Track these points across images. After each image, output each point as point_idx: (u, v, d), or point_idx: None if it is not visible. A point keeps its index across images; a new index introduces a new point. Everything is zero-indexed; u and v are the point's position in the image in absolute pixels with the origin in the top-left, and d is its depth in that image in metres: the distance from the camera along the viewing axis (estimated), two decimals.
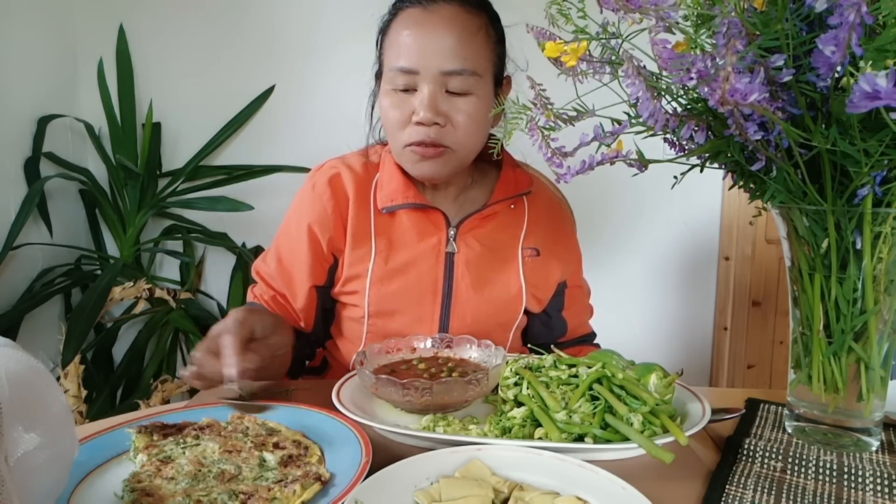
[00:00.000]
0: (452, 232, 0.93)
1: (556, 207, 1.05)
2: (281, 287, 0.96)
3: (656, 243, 2.03)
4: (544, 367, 0.70)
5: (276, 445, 0.59)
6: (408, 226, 0.93)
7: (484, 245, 0.94)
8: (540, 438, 0.60)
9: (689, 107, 0.59)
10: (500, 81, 0.92)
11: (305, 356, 1.02)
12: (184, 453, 0.57)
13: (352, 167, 0.95)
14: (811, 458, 0.58)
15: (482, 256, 0.93)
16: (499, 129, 0.97)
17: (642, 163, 0.61)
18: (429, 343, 0.80)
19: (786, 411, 0.65)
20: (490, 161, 0.99)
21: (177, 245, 2.05)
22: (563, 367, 0.69)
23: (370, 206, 0.93)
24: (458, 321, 0.92)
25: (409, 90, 0.84)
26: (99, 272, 1.89)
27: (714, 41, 0.51)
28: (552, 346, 0.77)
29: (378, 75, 0.91)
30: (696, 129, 0.57)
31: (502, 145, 0.97)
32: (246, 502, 0.50)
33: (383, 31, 0.89)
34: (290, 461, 0.56)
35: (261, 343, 0.75)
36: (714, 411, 0.64)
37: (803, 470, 0.56)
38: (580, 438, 0.60)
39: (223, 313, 1.96)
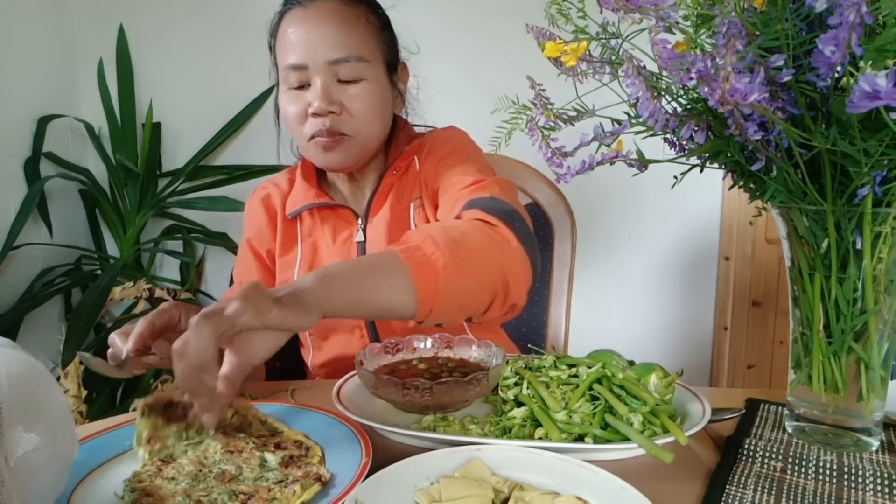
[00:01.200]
0: (362, 223, 0.96)
1: (438, 138, 0.99)
2: None
3: (656, 243, 2.03)
4: (544, 367, 0.70)
5: (277, 446, 0.59)
6: (324, 228, 0.97)
7: (387, 222, 0.94)
8: (540, 438, 0.60)
9: (689, 107, 0.59)
10: (395, 67, 0.95)
11: (291, 366, 1.05)
12: (185, 452, 0.58)
13: (278, 185, 1.03)
14: (811, 458, 0.58)
15: (387, 234, 0.94)
16: (411, 112, 1.01)
17: (642, 163, 0.61)
18: (429, 343, 0.80)
19: (786, 411, 0.65)
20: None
21: (177, 245, 2.05)
22: (564, 367, 0.69)
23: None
24: None
25: (304, 86, 0.88)
26: (99, 272, 1.89)
27: (714, 41, 0.51)
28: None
29: (277, 83, 0.95)
30: (696, 129, 0.57)
31: (401, 120, 0.99)
32: (246, 502, 0.50)
33: (272, 35, 0.92)
34: (291, 462, 0.56)
35: (178, 334, 0.72)
36: (714, 411, 0.64)
37: (803, 470, 0.56)
38: (580, 438, 0.60)
39: None
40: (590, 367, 0.67)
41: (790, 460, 0.58)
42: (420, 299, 0.63)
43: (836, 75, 0.48)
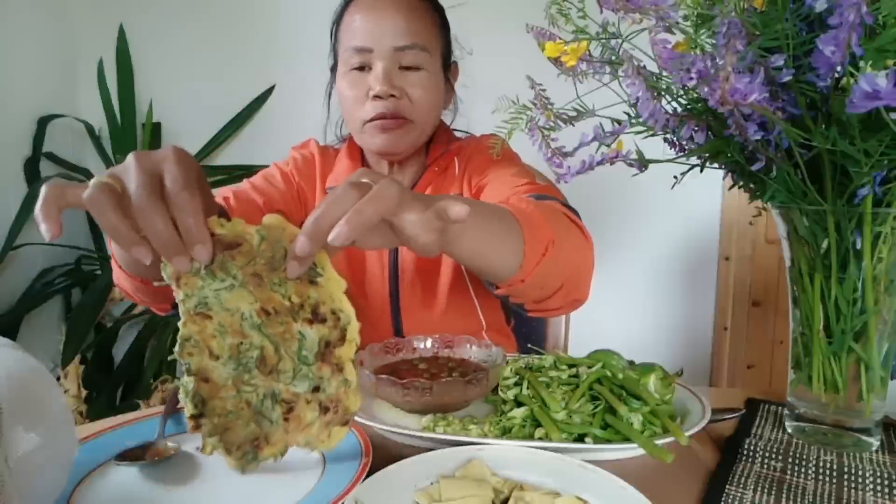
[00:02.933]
0: None
1: (483, 143, 1.01)
2: (251, 195, 0.94)
3: (656, 243, 2.03)
4: (544, 367, 0.70)
5: (314, 312, 0.50)
6: None
7: None
8: (540, 438, 0.60)
9: (689, 107, 0.59)
10: (448, 65, 0.99)
11: None
12: (218, 297, 0.50)
13: (328, 152, 1.05)
14: (811, 458, 0.58)
15: None
16: (448, 111, 1.05)
17: (642, 163, 0.61)
18: (429, 343, 0.80)
19: (786, 411, 0.65)
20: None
21: None
22: (564, 367, 0.69)
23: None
24: (409, 290, 0.96)
25: (365, 69, 0.90)
26: (99, 272, 1.89)
27: (714, 41, 0.51)
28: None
29: (333, 69, 0.98)
30: (696, 129, 0.57)
31: (441, 122, 0.99)
32: (287, 415, 0.50)
33: (337, 21, 0.95)
34: (328, 352, 0.50)
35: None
36: (714, 411, 0.64)
37: (803, 470, 0.56)
38: (580, 438, 0.60)
39: None
40: (590, 367, 0.67)
41: (790, 460, 0.58)
42: (523, 266, 0.64)
43: (836, 75, 0.48)
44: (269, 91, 1.98)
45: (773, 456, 0.58)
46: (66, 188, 0.45)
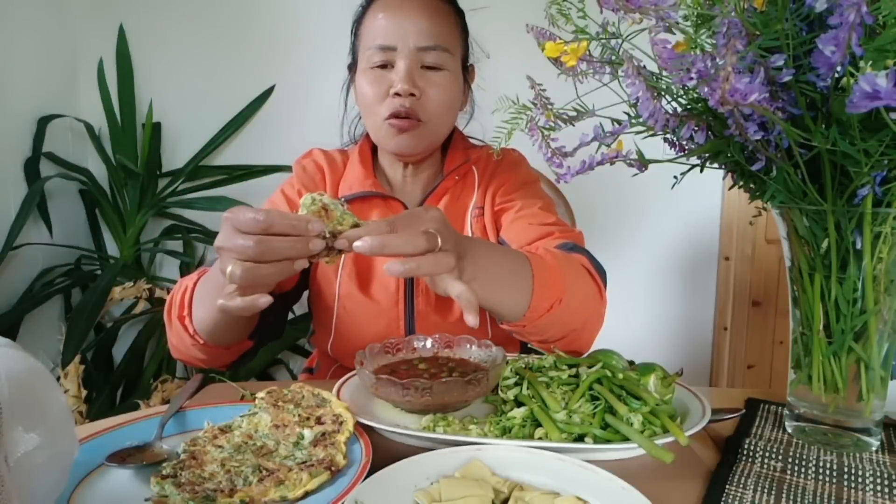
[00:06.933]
0: None
1: (506, 159, 1.04)
2: None
3: (656, 243, 2.03)
4: (544, 367, 0.70)
5: (318, 420, 0.61)
6: (374, 215, 0.99)
7: None
8: (540, 438, 0.60)
9: (689, 107, 0.59)
10: (466, 67, 1.00)
11: (278, 328, 0.99)
12: (241, 425, 0.62)
13: (334, 159, 1.05)
14: (811, 458, 0.58)
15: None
16: (464, 113, 1.06)
17: (642, 163, 0.61)
18: (429, 343, 0.80)
19: (786, 411, 0.65)
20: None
21: (177, 245, 2.04)
22: (564, 367, 0.69)
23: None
24: (423, 297, 0.96)
25: (387, 66, 0.91)
26: (99, 272, 1.89)
27: (714, 41, 0.51)
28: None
29: (350, 67, 0.99)
30: (696, 129, 0.57)
31: (456, 128, 1.01)
32: (263, 479, 0.52)
33: (358, 20, 0.97)
34: (322, 439, 0.58)
35: None
36: (714, 411, 0.64)
37: (803, 470, 0.56)
38: (580, 438, 0.60)
39: None
40: (590, 367, 0.67)
41: (790, 460, 0.58)
42: (526, 316, 0.71)
43: (836, 75, 0.48)
44: (269, 91, 1.97)
45: (773, 456, 0.58)
46: None
